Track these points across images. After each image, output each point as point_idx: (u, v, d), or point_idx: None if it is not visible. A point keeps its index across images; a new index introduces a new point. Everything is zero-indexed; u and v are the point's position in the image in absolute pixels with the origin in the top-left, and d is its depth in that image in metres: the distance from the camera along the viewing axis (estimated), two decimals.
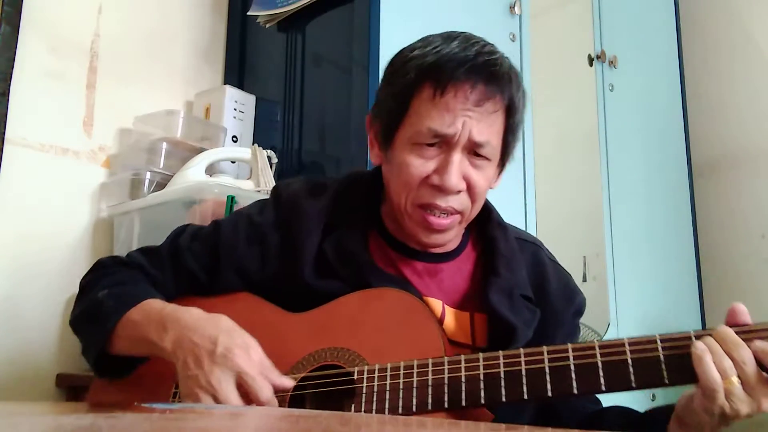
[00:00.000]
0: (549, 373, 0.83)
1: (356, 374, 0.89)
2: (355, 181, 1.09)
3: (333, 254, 1.01)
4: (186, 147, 1.70)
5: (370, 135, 1.04)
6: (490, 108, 0.93)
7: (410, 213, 0.97)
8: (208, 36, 2.02)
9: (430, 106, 0.92)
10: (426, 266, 1.03)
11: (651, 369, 0.81)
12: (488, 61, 0.93)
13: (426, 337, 0.90)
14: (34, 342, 1.59)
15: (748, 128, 2.46)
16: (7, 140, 1.59)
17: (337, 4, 1.71)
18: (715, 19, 2.60)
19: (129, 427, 0.47)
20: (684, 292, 2.33)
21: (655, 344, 0.82)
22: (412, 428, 0.57)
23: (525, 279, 1.03)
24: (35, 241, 1.62)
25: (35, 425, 0.51)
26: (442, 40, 0.96)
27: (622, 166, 2.18)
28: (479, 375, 0.85)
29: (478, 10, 1.85)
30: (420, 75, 0.94)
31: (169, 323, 0.92)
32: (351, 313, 0.96)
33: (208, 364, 0.86)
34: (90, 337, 1.00)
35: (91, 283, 1.06)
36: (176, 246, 1.07)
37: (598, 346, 0.83)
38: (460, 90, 0.92)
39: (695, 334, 0.83)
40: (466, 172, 0.95)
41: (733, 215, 2.45)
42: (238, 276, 1.03)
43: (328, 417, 0.62)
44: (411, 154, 0.94)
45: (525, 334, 0.97)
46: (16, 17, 1.61)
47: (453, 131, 0.92)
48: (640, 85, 2.34)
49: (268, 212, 1.06)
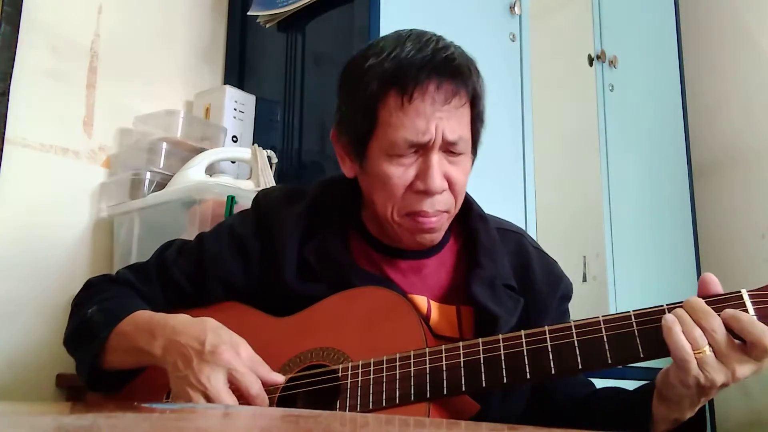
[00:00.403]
0: (527, 356, 0.85)
1: (341, 371, 0.90)
2: (331, 185, 1.09)
3: (315, 258, 1.02)
4: (186, 147, 1.70)
5: (338, 149, 1.04)
6: (457, 103, 0.94)
7: (399, 222, 0.98)
8: (208, 36, 2.01)
9: (400, 114, 0.92)
10: (410, 264, 1.04)
11: (626, 344, 0.83)
12: (447, 57, 0.93)
13: (408, 330, 0.91)
14: (34, 342, 1.59)
15: (748, 128, 2.46)
16: (7, 140, 1.59)
17: (337, 4, 1.71)
18: (715, 18, 2.60)
19: (129, 427, 0.47)
20: (684, 293, 2.29)
21: (630, 320, 0.84)
22: (411, 428, 0.57)
23: (507, 268, 1.04)
24: (35, 241, 1.62)
25: (35, 425, 0.51)
26: (394, 44, 0.95)
27: (622, 166, 2.18)
28: (459, 363, 0.86)
29: (478, 10, 1.85)
30: (383, 83, 0.93)
31: (158, 330, 0.93)
32: (335, 313, 0.97)
33: (197, 363, 0.87)
34: (82, 354, 1.01)
35: (81, 302, 1.08)
36: (162, 260, 1.09)
37: (573, 326, 0.85)
38: (427, 92, 0.92)
39: (667, 306, 0.84)
40: (446, 170, 0.95)
41: (733, 215, 2.45)
42: (222, 286, 1.05)
43: (329, 417, 0.62)
44: (390, 165, 0.94)
45: (507, 321, 0.98)
46: (16, 17, 1.61)
47: (428, 138, 0.92)
48: (640, 85, 2.34)
49: (248, 222, 1.08)
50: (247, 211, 1.12)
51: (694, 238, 2.40)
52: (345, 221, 1.07)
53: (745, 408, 2.28)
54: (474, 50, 1.02)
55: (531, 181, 1.88)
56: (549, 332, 0.85)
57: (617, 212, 2.12)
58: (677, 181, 2.42)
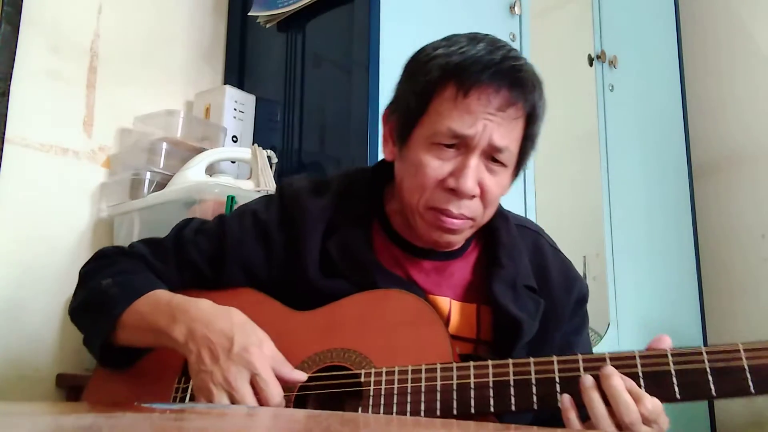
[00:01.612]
0: (559, 383, 0.83)
1: (363, 376, 0.88)
2: (356, 178, 1.08)
3: (337, 253, 1.00)
4: (186, 147, 1.70)
5: (385, 130, 1.02)
6: (512, 114, 0.92)
7: (422, 213, 0.96)
8: (208, 36, 2.01)
9: (451, 106, 0.91)
10: (434, 264, 1.02)
11: (661, 382, 0.81)
12: (514, 66, 0.92)
13: (434, 341, 0.89)
14: (34, 342, 1.59)
15: (748, 128, 2.46)
16: (7, 140, 1.59)
17: (337, 4, 1.71)
18: (715, 19, 2.60)
19: (129, 427, 0.47)
20: (684, 292, 2.33)
21: (666, 358, 0.82)
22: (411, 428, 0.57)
23: (527, 268, 1.03)
24: (35, 241, 1.62)
25: (35, 425, 0.51)
26: (467, 41, 0.94)
27: (622, 166, 2.18)
28: (488, 382, 0.84)
29: (478, 10, 1.85)
30: (444, 74, 0.92)
31: (179, 314, 0.91)
32: (357, 313, 0.95)
33: (225, 361, 0.86)
34: (93, 327, 0.99)
35: (93, 272, 1.04)
36: (180, 238, 1.06)
37: (608, 357, 0.83)
38: (484, 93, 0.90)
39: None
40: (482, 177, 0.93)
41: (733, 215, 2.45)
42: (242, 272, 1.03)
43: (329, 416, 0.62)
44: (428, 154, 0.93)
45: (530, 327, 0.97)
46: (16, 17, 1.61)
47: (473, 132, 0.90)
48: (640, 85, 2.34)
49: (273, 210, 1.05)
50: (271, 197, 1.09)
51: (694, 238, 2.40)
52: (369, 215, 1.05)
53: (745, 408, 2.28)
54: None
55: (531, 181, 1.88)
56: (582, 360, 0.83)
57: (617, 212, 2.12)
58: (677, 181, 2.42)
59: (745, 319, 2.34)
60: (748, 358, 0.80)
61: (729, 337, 2.36)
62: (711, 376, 0.80)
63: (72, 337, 1.63)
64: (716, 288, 2.41)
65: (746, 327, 2.33)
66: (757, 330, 2.29)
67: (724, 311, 2.39)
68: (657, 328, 2.15)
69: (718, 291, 2.41)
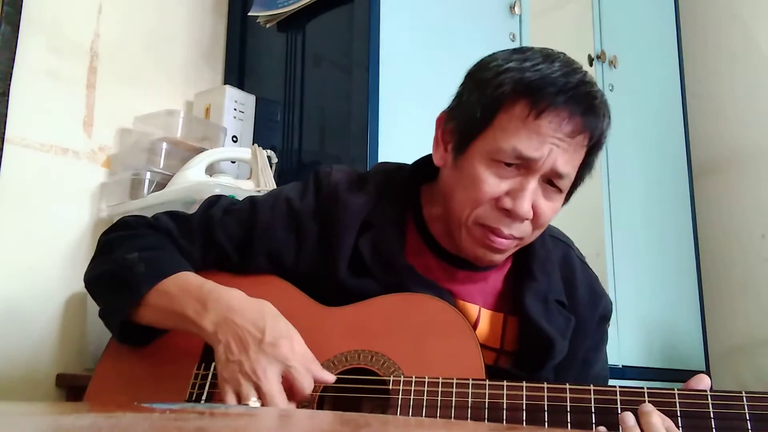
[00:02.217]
0: (595, 412, 0.81)
1: (391, 383, 0.86)
2: (395, 176, 1.04)
3: (369, 253, 0.97)
4: (186, 147, 1.70)
5: (438, 134, 0.98)
6: (580, 141, 0.90)
7: (470, 228, 0.93)
8: (208, 36, 2.02)
9: (519, 124, 0.88)
10: (468, 274, 1.00)
11: (699, 423, 0.80)
12: (590, 93, 0.90)
13: (465, 354, 0.87)
14: (34, 342, 1.60)
15: (748, 128, 2.46)
16: (7, 140, 1.59)
17: (337, 4, 1.71)
18: (715, 19, 2.60)
19: (129, 427, 0.47)
20: (684, 292, 2.33)
21: (706, 399, 0.81)
22: (411, 428, 0.57)
23: (559, 283, 1.01)
24: (35, 240, 1.62)
25: (35, 425, 0.51)
26: (543, 58, 0.91)
27: (622, 166, 2.18)
28: (522, 405, 0.82)
29: (478, 10, 1.85)
30: (517, 90, 0.88)
31: (210, 302, 0.89)
32: (388, 316, 0.92)
33: (255, 352, 0.84)
34: (114, 301, 0.96)
35: (116, 242, 1.00)
36: (208, 217, 1.02)
37: (647, 392, 0.82)
38: (557, 117, 0.87)
39: None
40: (537, 200, 0.91)
41: (733, 215, 2.45)
42: (269, 260, 1.00)
43: (329, 416, 0.62)
44: (487, 170, 0.89)
45: (562, 348, 0.96)
46: (16, 17, 1.61)
47: (538, 156, 0.87)
48: (640, 85, 2.34)
49: (309, 200, 1.01)
50: (306, 185, 1.04)
51: (694, 238, 2.40)
52: (405, 216, 1.01)
53: None
54: (474, 50, 1.02)
55: None
56: (620, 393, 0.82)
57: (617, 212, 2.12)
58: (677, 181, 2.42)
59: (745, 319, 2.34)
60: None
61: (729, 337, 2.36)
62: (750, 423, 0.78)
63: (72, 337, 1.63)
64: (716, 288, 2.41)
65: (746, 327, 2.33)
66: (757, 330, 2.29)
67: (724, 311, 2.39)
68: (657, 328, 2.15)
69: (718, 291, 2.41)
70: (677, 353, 2.18)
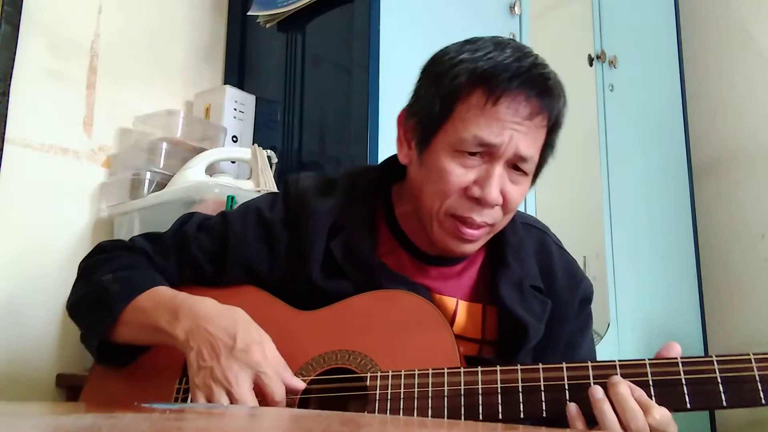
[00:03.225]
0: (569, 390, 0.82)
1: (369, 380, 0.87)
2: (363, 177, 1.06)
3: (341, 254, 0.99)
4: (186, 147, 1.70)
5: (401, 132, 1.00)
6: (538, 122, 0.91)
7: (441, 220, 0.94)
8: (208, 36, 2.01)
9: (478, 113, 0.89)
10: (440, 271, 1.01)
11: (672, 392, 0.80)
12: (543, 74, 0.91)
13: (441, 345, 0.88)
14: (34, 342, 1.59)
15: (748, 128, 2.46)
16: (7, 140, 1.59)
17: (337, 4, 1.71)
18: (715, 19, 2.60)
19: (129, 427, 0.47)
20: (684, 292, 2.33)
21: (677, 366, 0.81)
22: (413, 428, 0.57)
23: (534, 268, 1.02)
24: (35, 241, 1.62)
25: (35, 425, 0.51)
26: (493, 46, 0.92)
27: (622, 166, 2.18)
28: (496, 388, 0.83)
29: (478, 10, 1.85)
30: (472, 80, 0.89)
31: (182, 312, 0.90)
32: (362, 315, 0.94)
33: (226, 358, 0.85)
34: (92, 323, 0.98)
35: (93, 266, 1.02)
36: (182, 234, 1.04)
37: (618, 365, 0.82)
38: (513, 101, 0.89)
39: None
40: (504, 186, 0.92)
41: (733, 215, 2.45)
42: (244, 271, 1.01)
43: (328, 416, 0.62)
44: (452, 162, 0.91)
45: (537, 330, 0.97)
46: (16, 17, 1.61)
47: (500, 141, 0.89)
48: (640, 85, 2.34)
49: (278, 209, 1.03)
50: (276, 195, 1.07)
51: (694, 238, 2.40)
52: (376, 216, 1.03)
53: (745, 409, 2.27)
54: None
55: None
56: (592, 368, 0.82)
57: (617, 212, 2.12)
58: (677, 181, 2.42)
59: (745, 319, 2.34)
60: (759, 368, 0.79)
61: (729, 337, 2.36)
62: (722, 386, 0.79)
63: (72, 337, 1.63)
64: (716, 288, 2.41)
65: (746, 327, 2.33)
66: (757, 330, 2.29)
67: (724, 311, 2.39)
68: (657, 328, 2.15)
69: (718, 291, 2.41)
70: None
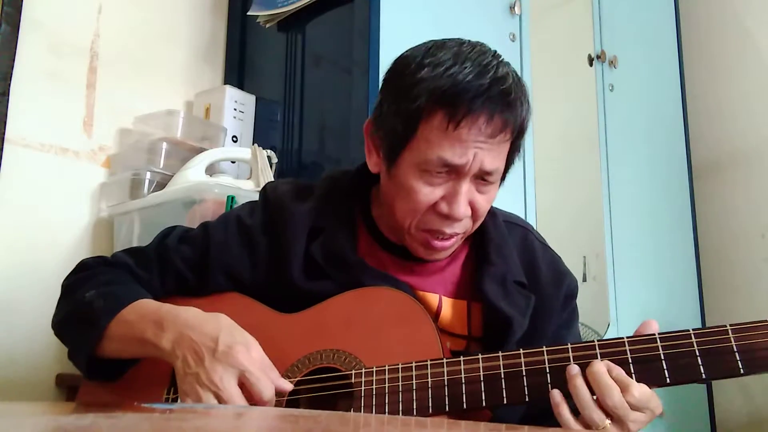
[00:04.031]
0: (549, 373, 0.83)
1: (353, 377, 0.88)
2: (340, 180, 1.07)
3: (321, 256, 1.00)
4: (186, 147, 1.70)
5: (368, 142, 1.01)
6: (502, 138, 0.91)
7: (413, 234, 0.96)
8: (208, 36, 2.01)
9: (441, 135, 0.89)
10: (421, 266, 1.03)
11: (652, 367, 0.81)
12: (503, 90, 0.90)
13: (423, 338, 0.89)
14: (34, 342, 1.59)
15: (748, 128, 2.46)
16: (7, 140, 1.59)
17: (337, 4, 1.71)
18: (715, 19, 2.60)
19: (129, 427, 0.47)
20: (684, 292, 2.33)
21: (655, 343, 0.82)
22: (412, 428, 0.57)
23: (517, 264, 1.03)
24: (35, 240, 1.62)
25: (35, 425, 0.51)
26: (453, 58, 0.90)
27: (622, 166, 2.18)
28: (479, 376, 0.84)
29: (478, 10, 1.85)
30: (432, 101, 0.89)
31: (167, 322, 0.91)
32: (345, 313, 0.95)
33: (210, 362, 0.85)
34: (79, 340, 0.98)
35: (76, 284, 1.04)
36: (164, 246, 1.05)
37: (597, 345, 0.84)
38: (476, 123, 0.88)
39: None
40: (473, 198, 0.93)
41: (733, 215, 2.45)
42: (227, 279, 1.03)
43: (328, 417, 0.62)
44: (419, 181, 0.92)
45: (521, 324, 0.97)
46: (16, 17, 1.61)
47: (464, 161, 0.89)
48: (640, 85, 2.34)
49: (258, 215, 1.05)
50: (255, 202, 1.09)
51: (694, 238, 2.40)
52: (354, 217, 1.04)
53: (745, 408, 2.28)
54: None
55: (531, 181, 1.88)
56: (572, 349, 0.84)
57: (617, 212, 2.12)
58: (677, 181, 2.42)
59: (745, 319, 2.33)
60: (737, 339, 0.81)
61: None
62: (700, 358, 0.80)
63: None
64: (716, 288, 2.41)
65: None
66: None
67: (724, 311, 2.39)
68: None
69: (718, 291, 2.41)
70: None
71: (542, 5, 2.08)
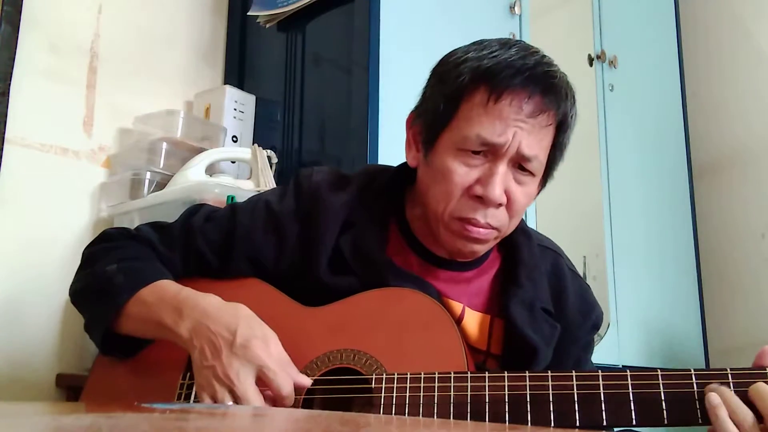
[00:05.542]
0: (578, 401, 0.80)
1: (374, 382, 0.85)
2: (378, 177, 1.05)
3: (349, 251, 0.97)
4: (186, 147, 1.70)
5: (409, 135, 0.99)
6: (543, 121, 0.90)
7: (447, 223, 0.93)
8: (208, 36, 2.01)
9: (481, 111, 0.88)
10: (449, 274, 1.00)
11: (685, 407, 0.78)
12: (547, 72, 0.90)
13: (447, 345, 0.87)
14: (34, 342, 1.59)
15: (748, 128, 2.46)
16: (7, 140, 1.59)
17: (337, 4, 1.71)
18: (715, 19, 2.60)
19: (129, 427, 0.47)
20: (684, 292, 2.33)
21: (690, 379, 0.80)
22: (418, 428, 0.57)
23: (546, 291, 1.01)
24: (35, 241, 1.62)
25: (35, 425, 0.51)
26: (499, 46, 0.92)
27: (622, 166, 2.18)
28: (504, 396, 0.81)
29: (478, 10, 1.85)
30: (475, 78, 0.89)
31: (186, 309, 0.89)
32: (368, 313, 0.92)
33: (227, 355, 0.84)
34: (96, 313, 0.97)
35: (98, 254, 1.01)
36: (189, 225, 1.03)
37: (629, 376, 0.81)
38: (516, 98, 0.88)
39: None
40: (509, 186, 0.91)
41: (733, 215, 2.45)
42: (250, 264, 1.00)
43: (329, 416, 0.62)
44: (455, 161, 0.90)
45: (545, 355, 0.96)
46: (16, 17, 1.61)
47: (503, 141, 0.88)
48: (640, 85, 2.34)
49: (289, 201, 1.02)
50: (286, 187, 1.05)
51: (694, 238, 2.40)
52: (387, 217, 1.02)
53: None
54: None
55: None
56: (602, 378, 0.80)
57: (617, 212, 2.12)
58: (677, 181, 2.42)
59: (745, 319, 2.34)
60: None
61: (729, 337, 2.36)
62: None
63: (72, 337, 1.63)
64: (716, 288, 2.41)
65: (746, 327, 2.33)
66: (757, 330, 2.29)
67: (724, 311, 2.39)
68: (657, 328, 2.15)
69: (718, 291, 2.41)
70: (677, 353, 2.18)
71: (542, 5, 2.08)
